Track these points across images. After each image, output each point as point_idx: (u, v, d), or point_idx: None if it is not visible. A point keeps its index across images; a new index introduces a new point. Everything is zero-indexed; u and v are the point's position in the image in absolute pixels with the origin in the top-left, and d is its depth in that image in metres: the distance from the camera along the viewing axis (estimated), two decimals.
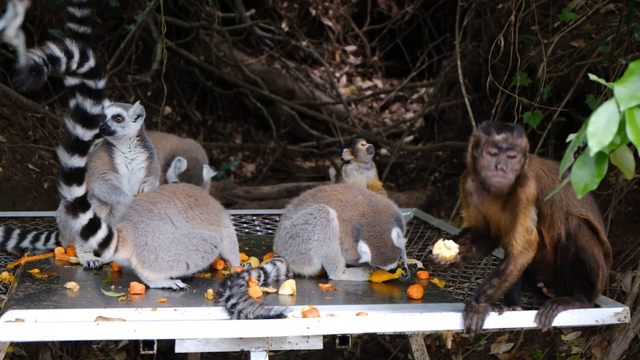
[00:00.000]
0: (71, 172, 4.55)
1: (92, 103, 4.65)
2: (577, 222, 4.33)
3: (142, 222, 4.76)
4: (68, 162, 4.54)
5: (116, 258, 4.76)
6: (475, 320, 4.24)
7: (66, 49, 4.49)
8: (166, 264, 4.73)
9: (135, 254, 4.72)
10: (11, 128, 8.00)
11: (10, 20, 1.97)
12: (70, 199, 4.59)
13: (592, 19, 7.69)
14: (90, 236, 4.65)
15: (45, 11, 8.57)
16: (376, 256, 4.94)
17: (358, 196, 5.15)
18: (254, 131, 12.85)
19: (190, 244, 4.78)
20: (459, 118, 11.69)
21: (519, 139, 4.17)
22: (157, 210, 4.80)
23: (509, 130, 4.18)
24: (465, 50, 10.00)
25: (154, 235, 4.74)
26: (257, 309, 4.26)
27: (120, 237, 4.71)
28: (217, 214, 5.03)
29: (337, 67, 14.44)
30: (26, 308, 4.27)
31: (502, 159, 4.16)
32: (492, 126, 4.21)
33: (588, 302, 4.41)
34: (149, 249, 4.72)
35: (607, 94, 6.57)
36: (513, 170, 4.16)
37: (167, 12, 10.45)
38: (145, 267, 4.72)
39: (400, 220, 5.08)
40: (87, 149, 4.61)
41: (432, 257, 4.38)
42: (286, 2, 14.46)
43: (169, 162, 5.91)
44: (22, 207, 7.43)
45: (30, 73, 4.31)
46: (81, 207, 4.61)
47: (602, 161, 2.97)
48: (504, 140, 4.15)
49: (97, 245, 4.67)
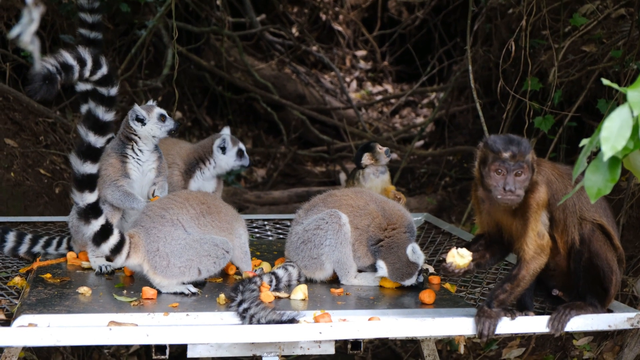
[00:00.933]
0: (83, 179, 4.57)
1: (105, 110, 4.66)
2: (591, 227, 4.32)
3: (154, 228, 4.77)
4: (80, 169, 4.55)
5: (128, 264, 4.76)
6: (488, 325, 4.23)
7: (79, 56, 4.51)
8: (178, 269, 4.73)
9: (147, 260, 4.73)
10: (23, 133, 8.02)
11: (25, 26, 1.98)
12: (82, 205, 4.61)
13: (603, 23, 7.67)
14: (102, 242, 4.65)
15: (57, 16, 8.59)
16: (392, 272, 4.95)
17: (370, 204, 5.14)
18: (264, 136, 12.86)
19: (202, 250, 4.79)
20: (469, 123, 11.69)
21: (525, 155, 4.15)
22: (169, 217, 4.81)
23: (515, 146, 4.15)
24: (475, 55, 10.00)
25: (166, 241, 4.75)
26: (269, 314, 4.26)
27: (132, 243, 4.72)
28: (229, 222, 5.03)
29: (348, 72, 14.44)
30: (39, 313, 4.28)
31: (509, 179, 4.15)
32: (499, 143, 4.18)
33: (601, 307, 4.39)
34: (161, 255, 4.72)
35: (619, 98, 6.55)
36: (522, 188, 4.16)
37: (177, 18, 10.47)
38: (157, 273, 4.72)
39: (412, 228, 5.07)
40: (99, 155, 4.62)
41: (445, 266, 4.37)
42: (296, 7, 14.48)
43: (193, 167, 5.87)
44: (33, 212, 7.44)
45: (43, 82, 4.33)
46: (93, 213, 4.62)
47: (615, 166, 2.96)
48: (511, 158, 4.14)
49: (109, 251, 4.68)
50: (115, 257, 4.71)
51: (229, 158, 5.83)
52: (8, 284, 4.96)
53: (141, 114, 5.28)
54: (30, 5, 1.99)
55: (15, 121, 8.03)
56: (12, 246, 5.49)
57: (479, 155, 4.27)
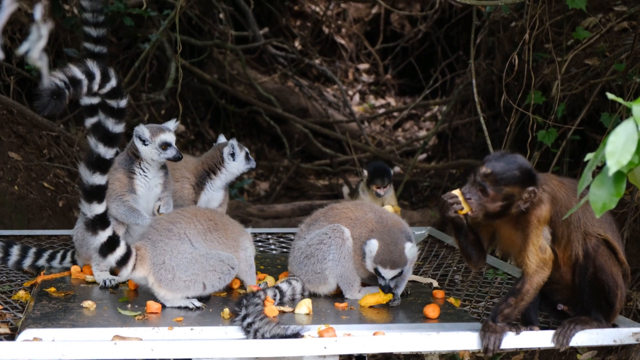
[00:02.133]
0: (92, 190, 4.57)
1: (114, 122, 4.67)
2: (596, 241, 4.32)
3: (161, 241, 4.77)
4: (89, 180, 4.56)
5: (134, 276, 4.76)
6: (493, 340, 4.22)
7: (87, 70, 4.52)
8: (183, 283, 4.73)
9: (152, 273, 4.73)
10: (26, 146, 8.04)
11: (34, 42, 1.99)
12: (90, 216, 4.61)
13: (606, 36, 7.69)
14: (108, 253, 4.66)
15: (61, 30, 8.62)
16: (382, 254, 4.86)
17: (368, 213, 5.14)
18: (267, 149, 12.87)
19: (207, 264, 4.79)
20: (472, 136, 11.70)
21: (499, 184, 4.17)
22: (176, 230, 4.81)
23: (497, 168, 4.18)
24: (478, 68, 10.01)
25: (172, 255, 4.75)
26: (273, 328, 4.26)
27: (138, 256, 4.72)
28: (235, 239, 5.03)
29: (350, 85, 14.47)
30: (43, 327, 4.28)
31: (472, 189, 4.19)
32: (491, 156, 4.24)
33: (606, 322, 4.38)
34: (167, 268, 4.72)
35: (622, 112, 6.56)
36: (480, 207, 4.19)
37: (181, 31, 10.50)
38: (162, 286, 4.72)
39: (410, 238, 5.05)
40: (109, 167, 4.63)
41: (450, 193, 4.34)
42: (299, 20, 14.52)
43: (204, 178, 5.85)
44: (37, 226, 7.45)
45: (51, 97, 4.33)
46: (101, 225, 4.63)
47: (620, 180, 2.96)
48: (483, 175, 4.18)
49: (115, 262, 4.68)
50: (121, 269, 4.71)
51: (239, 163, 5.85)
52: (12, 298, 4.96)
53: (144, 135, 5.28)
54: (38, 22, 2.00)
55: (19, 134, 8.05)
56: (16, 260, 5.49)
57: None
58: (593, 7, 8.00)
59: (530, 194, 4.19)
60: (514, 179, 4.18)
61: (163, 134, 5.28)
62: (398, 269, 4.85)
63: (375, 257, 4.86)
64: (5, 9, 1.98)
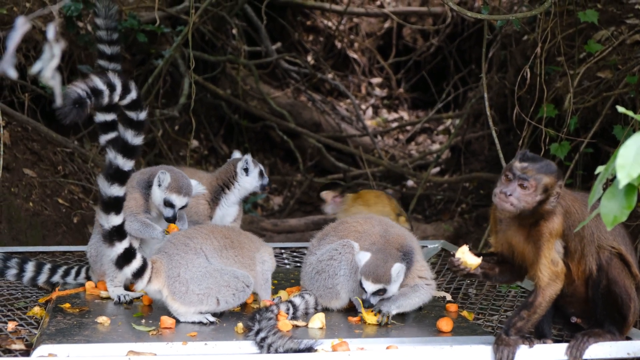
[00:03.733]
0: (110, 201, 4.59)
1: (134, 134, 4.70)
2: (609, 254, 4.32)
3: (177, 255, 4.80)
4: (107, 191, 4.58)
5: (149, 289, 4.78)
6: (506, 353, 4.22)
7: (109, 81, 4.57)
8: (196, 297, 4.75)
9: (166, 285, 4.74)
10: (41, 163, 8.08)
11: (47, 61, 2.01)
12: (107, 227, 4.63)
13: (618, 49, 7.68)
14: (124, 265, 4.68)
15: (75, 47, 8.67)
16: (368, 266, 4.84)
17: (376, 227, 5.15)
18: (280, 164, 12.89)
19: (221, 280, 4.80)
20: (485, 149, 11.69)
21: (539, 173, 4.17)
22: (193, 245, 4.84)
23: (533, 162, 4.19)
24: (491, 81, 10.01)
25: (187, 268, 4.77)
26: (286, 343, 4.27)
27: (154, 268, 4.74)
28: (251, 257, 5.03)
29: (363, 99, 14.49)
30: (58, 343, 4.30)
31: (512, 186, 4.18)
32: (522, 154, 4.23)
33: (619, 335, 4.38)
34: (181, 280, 4.74)
35: (635, 124, 6.55)
36: (520, 201, 4.17)
37: (194, 47, 10.55)
38: (176, 298, 4.74)
39: (409, 255, 5.02)
40: (127, 178, 4.65)
41: (452, 260, 4.37)
42: (312, 35, 14.55)
43: (218, 193, 5.87)
44: (52, 242, 7.48)
45: (74, 105, 4.38)
46: (118, 236, 4.65)
47: (631, 193, 2.97)
48: (521, 168, 4.17)
49: (131, 274, 4.70)
50: (137, 281, 4.73)
51: (252, 179, 5.87)
52: (27, 314, 4.99)
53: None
54: (51, 41, 2.03)
55: (34, 151, 8.09)
56: (31, 276, 5.52)
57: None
58: (605, 20, 8.00)
59: (560, 189, 4.21)
60: (552, 169, 4.20)
61: (167, 175, 5.30)
62: (379, 285, 4.84)
63: (361, 268, 4.87)
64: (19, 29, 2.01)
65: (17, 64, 7.87)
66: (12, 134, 7.95)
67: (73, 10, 7.55)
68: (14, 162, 7.74)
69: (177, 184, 5.27)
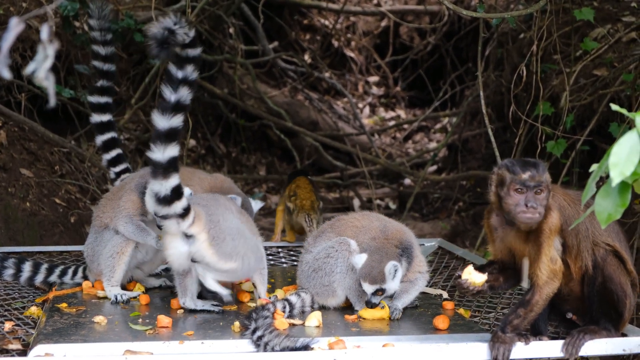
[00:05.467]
0: (169, 132, 4.63)
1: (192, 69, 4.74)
2: (604, 251, 4.33)
3: (213, 207, 4.89)
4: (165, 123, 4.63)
5: (189, 231, 4.77)
6: (502, 350, 4.24)
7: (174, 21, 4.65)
8: (230, 249, 4.82)
9: (206, 230, 4.77)
10: (38, 163, 8.08)
11: (40, 62, 2.01)
12: (163, 159, 4.63)
13: (614, 47, 7.69)
14: (175, 200, 4.68)
15: (71, 47, 8.67)
16: (365, 267, 4.88)
17: (374, 222, 5.17)
18: (277, 163, 12.90)
19: (248, 243, 4.92)
20: (482, 147, 11.71)
21: (543, 174, 4.20)
22: (222, 202, 4.98)
23: (534, 168, 4.20)
24: (487, 80, 10.02)
25: (224, 219, 4.87)
26: (283, 341, 4.28)
27: (195, 212, 4.77)
28: (257, 237, 5.19)
29: (360, 98, 14.49)
30: (55, 342, 4.30)
31: (530, 196, 4.18)
32: (517, 164, 4.23)
33: (615, 331, 4.39)
34: (220, 228, 4.81)
35: (631, 122, 6.55)
36: (543, 206, 4.18)
37: None
38: (213, 244, 4.78)
39: (408, 250, 5.04)
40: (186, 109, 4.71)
41: (460, 282, 4.39)
42: (309, 34, 14.56)
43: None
44: (49, 242, 7.48)
45: (161, 47, 4.58)
46: (173, 168, 4.68)
47: (625, 191, 2.98)
48: (530, 178, 4.18)
49: (181, 210, 4.70)
50: (183, 221, 4.74)
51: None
52: (24, 314, 5.00)
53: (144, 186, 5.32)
54: (45, 42, 2.03)
55: (31, 151, 8.10)
56: (28, 276, 5.53)
57: (496, 179, 4.29)
58: (601, 18, 8.01)
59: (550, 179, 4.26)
60: (544, 167, 4.24)
61: None
62: (376, 285, 4.86)
63: (359, 270, 4.90)
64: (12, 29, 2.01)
65: (14, 63, 7.88)
66: (9, 134, 7.95)
67: (69, 9, 7.54)
68: (10, 162, 7.74)
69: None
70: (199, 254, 4.79)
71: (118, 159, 6.23)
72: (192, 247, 4.79)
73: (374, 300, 4.88)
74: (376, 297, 4.88)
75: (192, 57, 4.75)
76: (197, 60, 4.78)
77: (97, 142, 6.21)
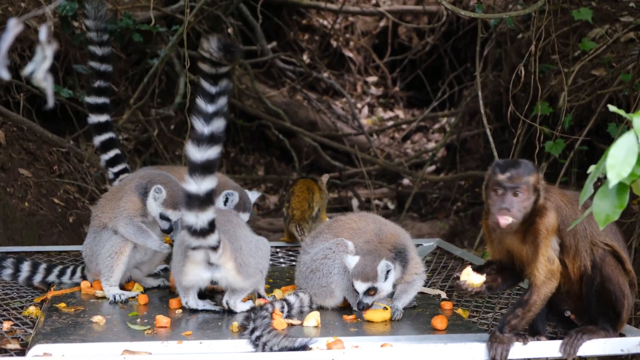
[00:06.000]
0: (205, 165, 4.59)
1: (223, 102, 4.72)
2: (603, 251, 4.34)
3: (231, 230, 4.89)
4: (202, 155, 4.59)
5: (217, 262, 4.78)
6: (500, 350, 4.24)
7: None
8: (253, 270, 4.87)
9: (233, 259, 4.80)
10: (36, 163, 8.08)
11: (39, 63, 2.02)
12: (201, 192, 4.60)
13: (612, 47, 7.70)
14: (210, 233, 4.67)
15: (70, 47, 8.67)
16: (357, 266, 4.88)
17: (370, 224, 5.17)
18: (276, 163, 12.90)
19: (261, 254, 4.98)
20: (480, 147, 11.71)
21: (525, 176, 4.17)
22: (235, 220, 4.99)
23: (514, 168, 4.18)
24: (486, 80, 10.03)
25: (245, 241, 4.89)
26: (281, 341, 4.28)
27: (222, 242, 4.79)
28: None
29: (359, 98, 14.50)
30: (53, 342, 4.30)
31: (506, 198, 4.18)
32: (499, 165, 4.23)
33: (613, 331, 4.40)
34: (244, 253, 4.84)
35: (629, 122, 6.56)
36: (520, 209, 4.17)
37: (189, 46, 10.55)
38: (240, 272, 4.82)
39: (403, 254, 5.04)
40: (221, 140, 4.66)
41: (459, 283, 4.39)
42: (307, 34, 14.56)
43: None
44: (47, 242, 7.49)
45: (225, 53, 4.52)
46: (209, 201, 4.65)
47: (623, 192, 2.98)
48: (508, 179, 4.17)
49: (215, 243, 4.70)
50: (214, 253, 4.74)
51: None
52: (23, 314, 5.00)
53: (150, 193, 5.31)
54: (43, 43, 2.03)
55: (29, 151, 8.10)
56: (26, 276, 5.52)
57: (485, 180, 4.31)
58: (599, 18, 8.02)
59: (542, 180, 4.23)
60: (531, 167, 4.21)
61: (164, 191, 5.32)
62: (368, 283, 4.86)
63: (351, 270, 4.91)
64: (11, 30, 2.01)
65: (13, 63, 7.88)
66: (8, 133, 7.96)
67: (68, 9, 7.55)
68: (9, 162, 7.74)
69: (172, 200, 5.27)
70: (225, 280, 4.84)
71: (116, 159, 6.23)
72: (217, 273, 4.83)
73: (366, 301, 4.87)
74: (368, 298, 4.87)
75: (223, 90, 4.71)
76: (228, 93, 4.73)
77: (95, 142, 6.21)
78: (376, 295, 4.88)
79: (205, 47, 4.58)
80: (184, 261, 4.80)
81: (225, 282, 4.85)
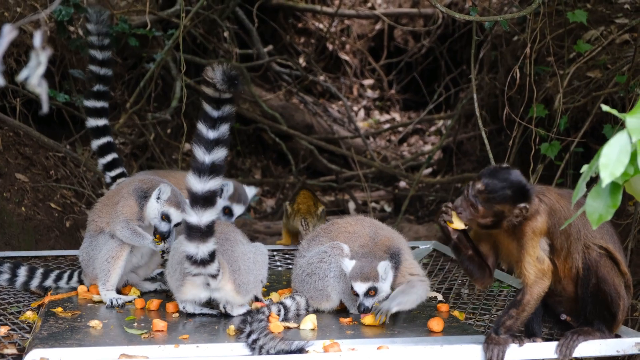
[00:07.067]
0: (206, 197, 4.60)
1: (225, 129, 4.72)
2: (598, 253, 4.35)
3: (229, 250, 4.88)
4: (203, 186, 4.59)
5: (218, 286, 4.80)
6: (496, 352, 4.25)
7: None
8: (252, 285, 4.89)
9: (232, 281, 4.81)
10: (33, 168, 8.08)
11: (33, 69, 2.02)
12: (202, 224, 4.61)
13: (607, 49, 7.72)
14: (210, 263, 4.69)
15: (66, 51, 8.68)
16: (355, 269, 4.89)
17: (366, 228, 5.19)
18: (273, 166, 12.91)
19: (260, 259, 5.00)
20: (477, 149, 11.72)
21: (489, 202, 4.26)
22: (232, 237, 4.96)
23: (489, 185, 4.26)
24: (481, 82, 10.04)
25: (243, 259, 4.88)
26: (278, 344, 4.29)
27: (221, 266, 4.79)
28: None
29: (355, 101, 14.51)
30: (50, 347, 4.31)
31: (464, 203, 4.30)
32: (483, 173, 4.33)
33: (609, 333, 4.41)
34: (242, 272, 4.85)
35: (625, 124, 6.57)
36: (471, 220, 4.35)
37: (185, 50, 10.57)
38: (240, 292, 4.84)
39: (396, 256, 5.05)
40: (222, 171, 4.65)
41: (447, 204, 4.43)
42: (303, 37, 14.57)
43: None
44: (44, 246, 7.48)
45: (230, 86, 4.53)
46: (210, 233, 4.65)
47: (616, 191, 2.99)
48: (477, 191, 4.28)
49: (215, 271, 4.73)
50: (214, 280, 4.76)
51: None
52: (20, 319, 5.00)
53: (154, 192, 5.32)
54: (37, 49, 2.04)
55: (26, 156, 8.10)
56: (23, 280, 5.53)
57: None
58: (594, 20, 8.04)
59: (522, 210, 4.25)
60: (505, 198, 4.24)
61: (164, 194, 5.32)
62: (369, 283, 4.86)
63: (349, 273, 4.92)
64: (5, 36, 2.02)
65: (8, 68, 7.88)
66: (4, 138, 7.96)
67: (64, 14, 7.55)
68: (6, 167, 7.74)
69: (176, 199, 5.28)
70: (224, 298, 4.87)
71: (114, 163, 6.24)
72: (216, 294, 4.86)
73: (367, 304, 4.87)
74: (369, 299, 4.88)
75: (226, 116, 4.70)
76: (231, 120, 4.72)
77: (93, 146, 6.22)
78: (376, 296, 4.89)
79: (210, 76, 4.57)
80: (182, 281, 4.82)
81: (224, 301, 4.88)
